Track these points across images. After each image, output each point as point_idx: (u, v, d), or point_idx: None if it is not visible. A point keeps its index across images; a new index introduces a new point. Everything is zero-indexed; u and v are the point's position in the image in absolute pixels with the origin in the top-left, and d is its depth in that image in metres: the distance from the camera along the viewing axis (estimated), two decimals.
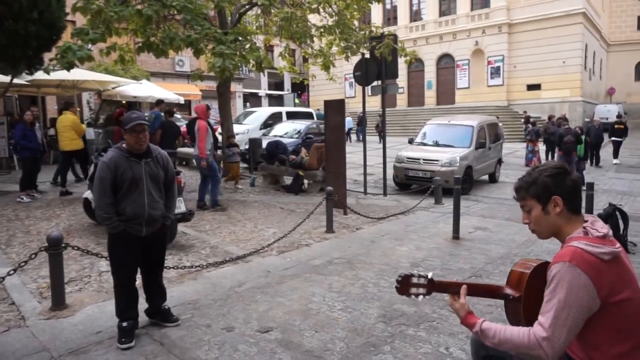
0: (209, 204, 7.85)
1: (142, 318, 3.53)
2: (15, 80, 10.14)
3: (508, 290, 1.83)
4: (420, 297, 1.81)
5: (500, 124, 13.54)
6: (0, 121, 11.82)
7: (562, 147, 10.90)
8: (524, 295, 1.77)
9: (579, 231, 1.65)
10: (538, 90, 26.26)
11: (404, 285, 1.79)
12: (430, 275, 1.82)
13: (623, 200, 8.89)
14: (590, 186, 6.59)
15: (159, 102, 11.03)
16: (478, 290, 1.94)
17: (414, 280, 1.80)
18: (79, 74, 12.17)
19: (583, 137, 10.79)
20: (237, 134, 12.90)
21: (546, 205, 1.70)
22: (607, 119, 25.11)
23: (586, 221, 1.69)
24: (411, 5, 30.95)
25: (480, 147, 10.68)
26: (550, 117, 17.21)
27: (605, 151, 16.10)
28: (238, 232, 6.47)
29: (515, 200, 1.83)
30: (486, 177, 11.83)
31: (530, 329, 1.58)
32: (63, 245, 3.81)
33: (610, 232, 1.64)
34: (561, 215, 1.69)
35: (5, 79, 10.26)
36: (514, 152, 17.75)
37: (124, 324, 3.29)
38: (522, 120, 19.40)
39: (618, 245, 1.62)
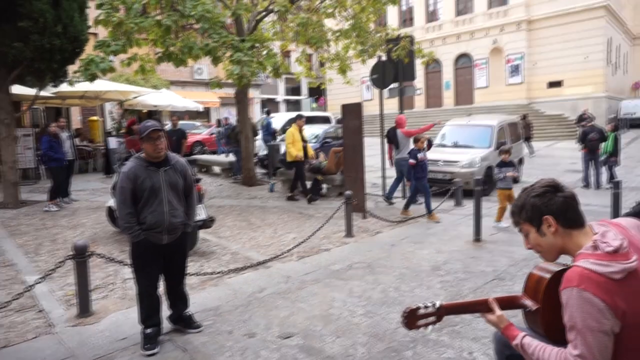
0: (388, 200, 8.80)
1: (166, 324, 3.58)
2: (41, 93, 10.46)
3: (526, 301, 1.77)
4: (430, 327, 1.75)
5: (519, 123, 13.34)
6: (27, 133, 12.19)
7: (586, 144, 10.61)
8: (542, 306, 1.71)
9: (587, 246, 1.54)
10: (560, 88, 25.67)
11: (410, 319, 1.72)
12: (438, 303, 1.76)
13: None
14: (617, 185, 6.41)
15: (268, 111, 10.87)
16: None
17: (421, 311, 1.73)
18: (101, 84, 12.51)
19: (612, 134, 10.35)
20: (256, 139, 13.02)
21: (539, 227, 1.64)
22: (633, 114, 24.42)
23: (597, 233, 1.57)
24: (427, 5, 30.74)
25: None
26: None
27: (633, 147, 15.62)
28: (258, 238, 6.51)
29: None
30: None
31: (564, 350, 1.53)
32: (88, 253, 3.90)
33: (626, 243, 1.49)
34: (557, 234, 1.61)
35: (32, 91, 10.60)
36: (536, 151, 17.37)
37: (148, 330, 3.35)
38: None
39: (634, 258, 1.47)
